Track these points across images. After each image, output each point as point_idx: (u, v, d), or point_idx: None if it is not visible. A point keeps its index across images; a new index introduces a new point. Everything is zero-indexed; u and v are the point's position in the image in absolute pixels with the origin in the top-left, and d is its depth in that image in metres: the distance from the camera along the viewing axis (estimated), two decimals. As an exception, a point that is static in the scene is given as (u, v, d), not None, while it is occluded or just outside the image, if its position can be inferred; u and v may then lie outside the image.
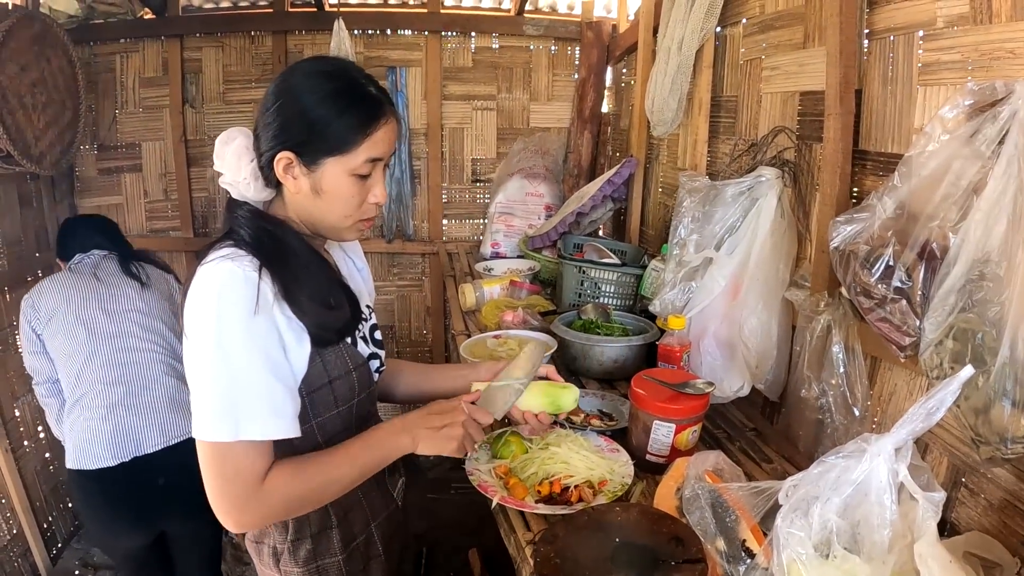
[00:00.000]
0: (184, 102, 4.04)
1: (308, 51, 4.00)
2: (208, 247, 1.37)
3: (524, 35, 4.11)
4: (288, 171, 1.36)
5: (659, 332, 2.23)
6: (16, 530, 3.49)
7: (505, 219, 3.81)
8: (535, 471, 1.61)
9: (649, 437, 1.66)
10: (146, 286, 2.51)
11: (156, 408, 2.43)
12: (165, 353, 2.46)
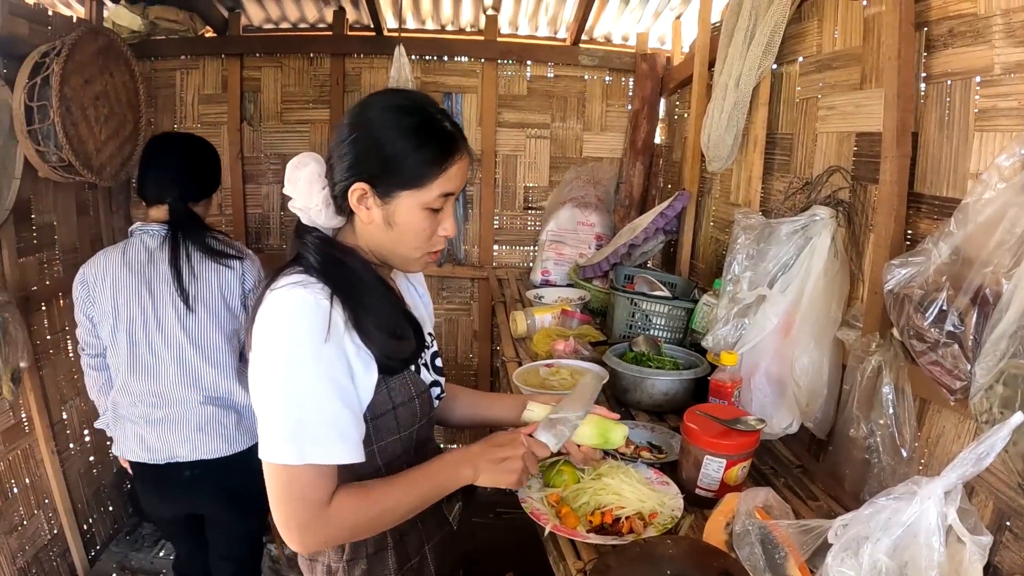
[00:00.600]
0: (242, 120, 4.12)
1: (366, 74, 4.07)
2: (277, 272, 1.41)
3: (579, 65, 4.15)
4: (362, 202, 1.40)
5: (709, 367, 2.23)
6: (57, 530, 3.56)
7: (556, 247, 3.83)
8: (587, 501, 1.62)
9: (699, 471, 1.66)
10: (192, 309, 2.44)
11: (189, 431, 2.46)
12: (202, 387, 2.46)
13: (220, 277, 2.43)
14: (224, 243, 2.52)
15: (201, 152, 2.62)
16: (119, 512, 4.08)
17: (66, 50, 2.98)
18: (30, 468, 3.39)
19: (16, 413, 3.30)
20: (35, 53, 3.03)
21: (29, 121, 2.99)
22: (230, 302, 2.45)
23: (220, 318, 2.44)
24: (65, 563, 3.61)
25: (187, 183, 2.53)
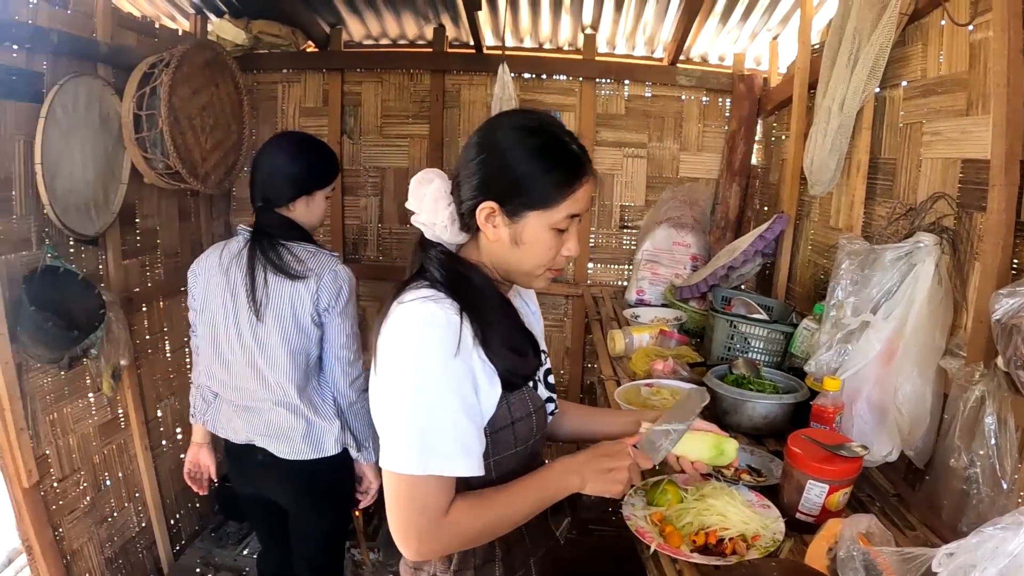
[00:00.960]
0: (342, 133, 4.21)
1: (465, 90, 4.13)
2: (402, 286, 1.45)
3: (676, 85, 4.12)
4: (489, 220, 1.42)
5: (808, 391, 2.20)
6: (145, 524, 3.69)
7: (651, 267, 3.80)
8: (691, 521, 1.62)
9: (801, 496, 1.65)
10: (261, 320, 2.44)
11: (262, 425, 2.53)
12: (272, 391, 2.50)
13: (293, 292, 2.40)
14: (307, 255, 2.45)
15: (280, 153, 2.53)
16: (206, 509, 4.20)
17: (175, 62, 3.10)
18: (124, 462, 3.53)
19: (114, 409, 3.44)
20: (143, 64, 3.17)
21: (137, 129, 3.13)
22: (300, 318, 2.42)
23: (287, 333, 2.42)
24: (151, 556, 3.74)
25: (266, 187, 2.51)
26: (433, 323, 1.32)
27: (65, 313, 2.86)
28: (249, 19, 4.05)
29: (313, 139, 2.62)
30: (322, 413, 2.50)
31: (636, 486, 1.54)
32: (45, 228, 2.96)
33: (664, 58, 4.14)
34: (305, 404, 2.47)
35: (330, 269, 2.42)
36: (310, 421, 2.49)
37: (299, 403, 2.46)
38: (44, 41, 2.88)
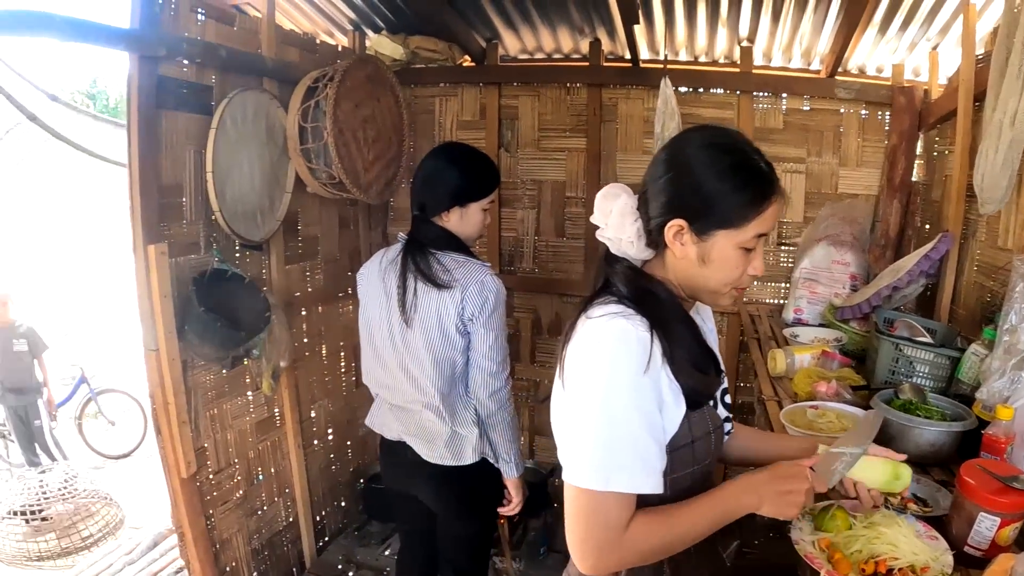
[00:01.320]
0: (499, 146, 4.25)
1: (622, 104, 4.08)
2: (589, 300, 1.46)
3: (835, 98, 3.94)
4: (677, 238, 1.41)
5: (976, 420, 2.07)
6: (292, 518, 3.84)
7: (809, 285, 3.65)
8: (860, 549, 1.56)
9: (971, 528, 1.55)
10: (409, 326, 2.49)
11: (412, 425, 2.61)
12: (421, 394, 2.55)
13: (440, 300, 2.42)
14: (455, 264, 2.46)
15: (437, 162, 2.57)
16: (351, 508, 4.32)
17: (338, 76, 3.21)
18: (276, 459, 3.68)
19: (271, 407, 3.60)
20: (307, 78, 3.30)
21: (302, 140, 3.26)
22: (446, 327, 2.43)
23: (432, 341, 2.45)
24: (295, 549, 3.89)
25: (422, 195, 2.55)
26: (623, 339, 1.33)
27: (231, 315, 3.01)
28: (406, 35, 4.15)
29: (473, 150, 2.65)
30: (460, 421, 2.53)
31: (806, 508, 1.49)
32: (213, 233, 3.13)
33: (821, 70, 3.98)
34: (447, 411, 2.51)
35: (477, 279, 2.42)
36: (452, 428, 2.53)
37: (443, 409, 2.51)
38: (213, 56, 3.05)
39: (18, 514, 5.20)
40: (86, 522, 5.32)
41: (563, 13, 3.80)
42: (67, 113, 4.77)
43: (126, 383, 7.92)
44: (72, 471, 5.62)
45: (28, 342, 6.51)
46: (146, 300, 2.87)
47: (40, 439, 6.58)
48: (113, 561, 4.67)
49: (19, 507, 5.24)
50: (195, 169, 3.05)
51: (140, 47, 2.74)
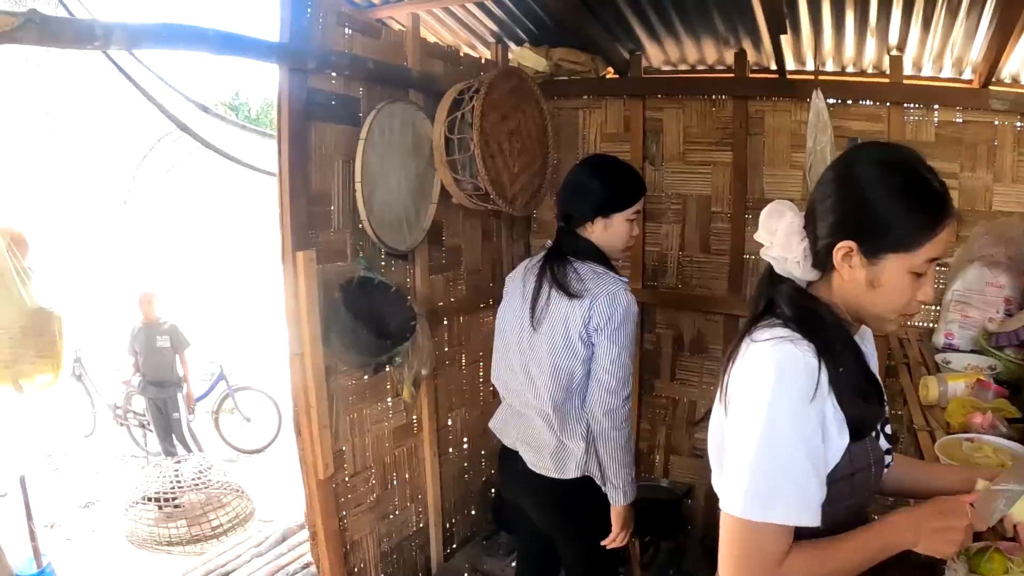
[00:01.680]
0: (644, 159, 4.16)
1: (769, 117, 3.94)
2: (752, 322, 1.42)
3: (989, 110, 3.70)
4: (846, 260, 1.35)
5: None
6: (423, 524, 3.87)
7: (962, 309, 3.45)
8: None
9: None
10: (536, 330, 2.50)
11: (525, 433, 2.61)
12: (538, 404, 2.52)
13: (568, 309, 2.41)
14: (590, 275, 2.44)
15: (582, 173, 2.57)
16: (480, 517, 4.32)
17: (484, 88, 3.21)
18: (412, 465, 3.71)
19: (409, 414, 3.64)
20: (452, 90, 3.32)
21: (448, 152, 3.28)
22: (570, 335, 2.41)
23: (555, 347, 2.44)
24: (423, 555, 3.91)
25: (567, 204, 2.55)
26: (790, 365, 1.28)
27: (376, 322, 3.05)
28: (549, 47, 4.12)
29: (618, 161, 2.63)
30: (569, 433, 2.49)
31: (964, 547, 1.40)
32: (360, 242, 3.19)
33: (974, 80, 3.76)
34: (558, 420, 2.47)
35: (608, 291, 2.39)
36: (559, 439, 2.50)
37: (553, 418, 2.47)
38: (361, 69, 3.12)
39: (152, 500, 5.43)
40: (217, 512, 5.52)
41: (707, 24, 3.71)
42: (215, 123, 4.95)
43: (262, 382, 8.21)
44: (206, 463, 5.85)
45: (171, 339, 6.81)
46: (293, 305, 2.94)
47: (177, 431, 6.86)
48: (241, 552, 4.82)
49: (153, 493, 5.47)
50: (343, 178, 3.12)
51: (290, 60, 2.82)
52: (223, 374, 7.96)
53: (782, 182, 3.85)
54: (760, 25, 3.53)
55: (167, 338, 6.78)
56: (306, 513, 3.20)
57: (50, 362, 2.09)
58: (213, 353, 8.45)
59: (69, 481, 7.14)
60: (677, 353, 4.21)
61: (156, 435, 7.00)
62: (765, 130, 3.94)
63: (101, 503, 6.63)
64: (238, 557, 4.75)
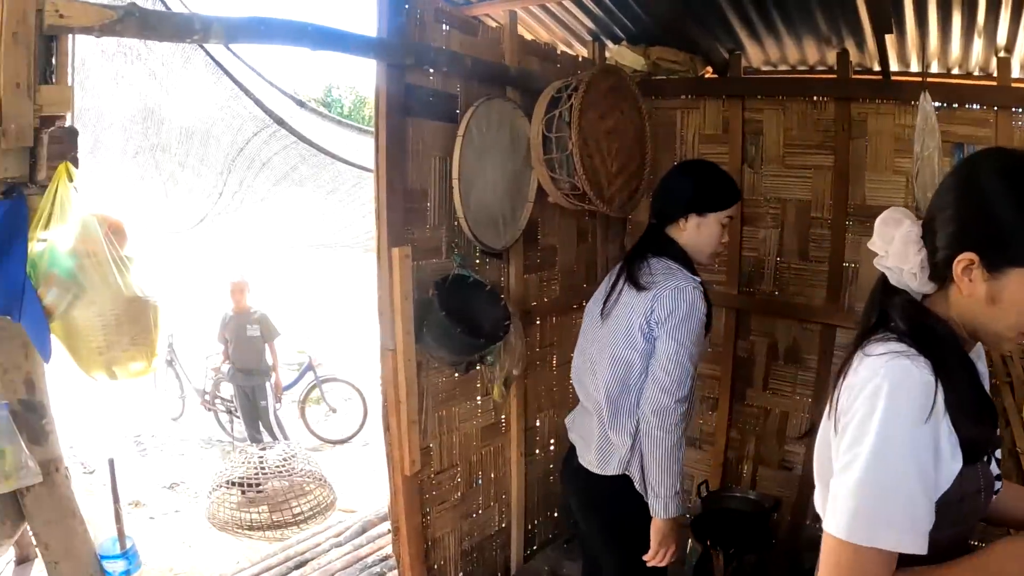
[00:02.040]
0: (743, 162, 4.06)
1: (872, 120, 3.78)
2: (865, 335, 1.36)
3: (1100, 113, 3.51)
4: (966, 273, 1.27)
5: None
6: (505, 524, 3.86)
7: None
8: None
9: None
10: (604, 322, 2.50)
11: (582, 426, 2.60)
12: (595, 396, 2.49)
13: (635, 301, 2.38)
14: (662, 269, 2.40)
15: (669, 175, 2.56)
16: (562, 520, 4.28)
17: (583, 86, 3.16)
18: (498, 465, 3.71)
19: (498, 414, 3.64)
20: (550, 88, 3.29)
21: (546, 150, 3.25)
22: (631, 326, 2.37)
23: (616, 338, 2.42)
24: (503, 555, 3.90)
25: (660, 202, 2.53)
26: (906, 383, 1.21)
27: (470, 320, 3.04)
28: (646, 45, 4.07)
29: (718, 167, 2.58)
30: (618, 427, 2.43)
31: None
32: (455, 239, 3.19)
33: (1084, 82, 3.56)
34: (609, 412, 2.43)
35: (674, 286, 2.33)
36: (606, 432, 2.45)
37: (605, 409, 2.44)
38: (459, 65, 3.11)
39: (236, 485, 5.52)
40: (299, 500, 5.60)
41: (809, 23, 3.60)
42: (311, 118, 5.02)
43: (349, 373, 8.34)
44: (291, 451, 5.94)
45: (261, 328, 6.95)
46: (387, 301, 2.95)
47: (264, 418, 7.00)
48: (321, 541, 4.87)
49: (238, 478, 5.56)
50: (440, 175, 3.12)
51: (389, 56, 2.83)
52: (311, 364, 8.12)
53: (885, 188, 3.70)
54: (864, 24, 3.42)
55: (257, 327, 6.93)
56: (390, 508, 3.22)
57: (144, 351, 2.11)
58: (302, 343, 8.62)
59: (155, 462, 7.34)
60: (771, 362, 4.09)
61: (243, 422, 7.17)
62: (868, 133, 3.78)
63: (185, 485, 6.81)
64: (317, 546, 4.80)
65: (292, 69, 28.34)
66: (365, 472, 7.13)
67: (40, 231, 1.97)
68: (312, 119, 5.05)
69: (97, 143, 4.75)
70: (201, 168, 5.04)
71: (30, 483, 2.06)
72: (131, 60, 4.25)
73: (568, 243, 3.99)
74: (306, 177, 5.16)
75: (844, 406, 1.28)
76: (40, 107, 1.96)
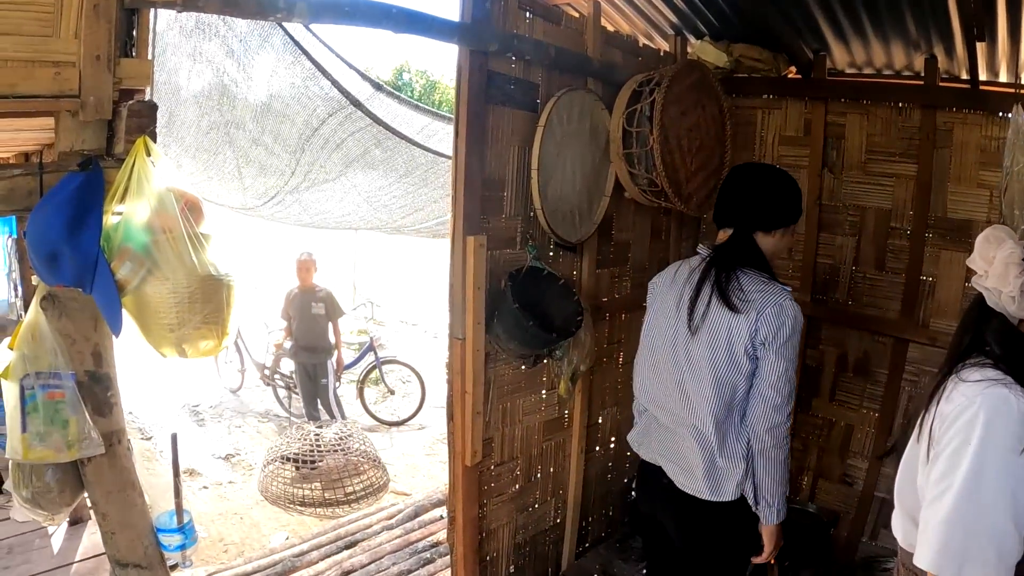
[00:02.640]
0: (823, 166, 3.96)
1: (958, 130, 3.65)
2: (958, 358, 1.33)
3: None
4: None
5: None
6: (560, 519, 3.84)
7: None
8: None
9: None
10: (694, 340, 2.38)
11: (672, 448, 2.50)
12: (692, 415, 2.41)
13: (732, 320, 2.29)
14: (755, 286, 2.32)
15: (766, 183, 2.45)
16: (616, 518, 4.27)
17: (667, 81, 3.12)
18: (558, 460, 3.69)
19: (562, 409, 3.60)
20: (632, 81, 3.26)
21: (625, 145, 3.21)
22: (734, 348, 2.29)
23: (717, 361, 2.32)
24: (555, 551, 3.87)
25: (742, 210, 2.42)
26: (1003, 412, 1.19)
27: (542, 314, 3.02)
28: (730, 42, 3.99)
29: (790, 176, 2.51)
30: (729, 452, 2.35)
31: None
32: (530, 230, 3.16)
33: None
34: (717, 438, 2.35)
35: (775, 303, 2.25)
36: (714, 458, 2.36)
37: (711, 436, 2.35)
38: (543, 54, 3.07)
39: (290, 460, 5.58)
40: (352, 479, 5.62)
41: (899, 26, 3.49)
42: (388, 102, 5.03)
43: (410, 357, 8.41)
44: (347, 430, 5.98)
45: (326, 306, 7.00)
46: (459, 289, 2.94)
47: (323, 396, 7.06)
48: (372, 523, 4.91)
49: (292, 454, 5.62)
50: (518, 165, 3.10)
51: (473, 41, 2.81)
52: (372, 345, 8.21)
53: (968, 201, 3.57)
54: (955, 30, 3.32)
55: (322, 305, 6.98)
56: (448, 497, 3.23)
57: (215, 330, 2.10)
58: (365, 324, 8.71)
59: (212, 433, 7.47)
60: (839, 373, 4.01)
61: (302, 399, 7.23)
62: (953, 144, 3.65)
63: (240, 457, 6.92)
64: (369, 527, 4.84)
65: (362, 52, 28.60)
66: (419, 456, 7.18)
67: (116, 204, 1.98)
68: (389, 102, 5.06)
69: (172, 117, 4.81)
70: (275, 146, 5.09)
71: (92, 454, 2.08)
72: (209, 37, 4.29)
73: (641, 240, 3.95)
74: (379, 160, 5.17)
75: (937, 434, 1.27)
76: (120, 80, 1.97)
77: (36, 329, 2.00)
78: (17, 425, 1.98)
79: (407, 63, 30.64)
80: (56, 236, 1.89)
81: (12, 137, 3.11)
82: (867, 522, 3.83)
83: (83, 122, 1.96)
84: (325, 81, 4.48)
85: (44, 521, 2.31)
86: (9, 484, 2.21)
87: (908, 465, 1.36)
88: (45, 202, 1.92)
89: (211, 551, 5.22)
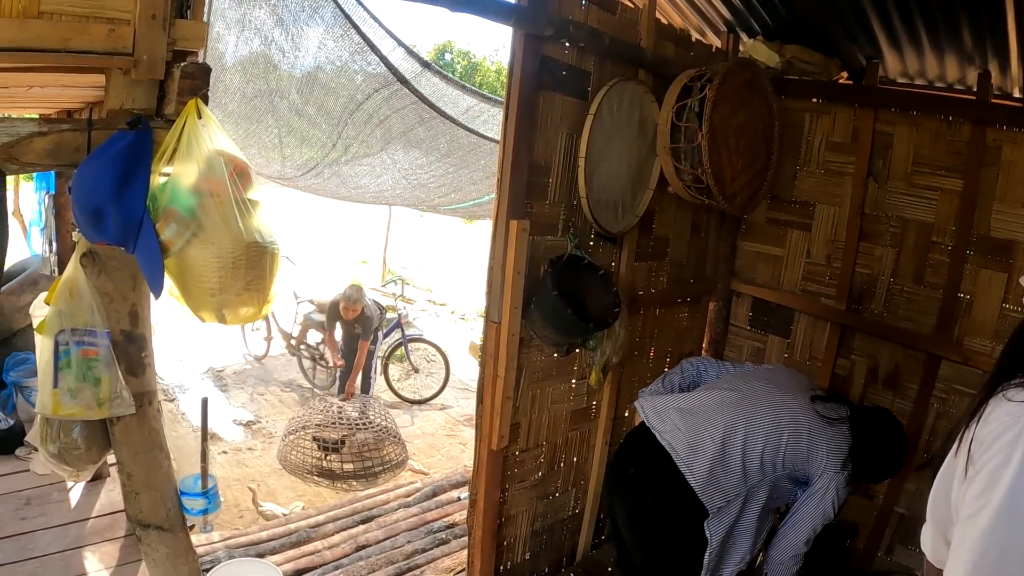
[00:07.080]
0: (868, 174, 3.89)
1: (1007, 148, 3.55)
2: (1004, 377, 1.29)
3: None
4: None
5: None
6: (579, 510, 3.85)
7: None
8: None
9: None
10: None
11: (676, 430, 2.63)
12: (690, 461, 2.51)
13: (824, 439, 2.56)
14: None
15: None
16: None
17: (718, 78, 3.10)
18: (582, 450, 3.69)
19: (590, 399, 3.60)
20: (683, 76, 3.23)
21: (673, 139, 3.19)
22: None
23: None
24: (571, 541, 3.89)
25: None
26: None
27: (579, 303, 3.01)
28: (782, 43, 3.94)
29: None
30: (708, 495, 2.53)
31: None
32: (572, 219, 3.15)
33: None
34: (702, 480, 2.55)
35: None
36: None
37: (695, 478, 2.53)
38: (597, 42, 3.05)
39: (311, 431, 5.62)
40: (371, 454, 5.66)
41: (954, 38, 3.43)
42: (434, 80, 5.01)
43: (436, 336, 8.41)
44: (370, 405, 6.00)
45: (361, 328, 6.95)
46: (498, 273, 2.94)
47: (368, 362, 7.05)
48: (390, 499, 4.93)
49: (314, 425, 5.66)
50: (565, 152, 3.08)
51: (529, 24, 2.79)
52: (400, 322, 8.20)
53: (1013, 221, 3.49)
54: (1011, 46, 3.27)
55: (360, 327, 6.95)
56: (471, 479, 3.23)
57: (256, 296, 2.09)
58: (394, 301, 8.72)
59: (234, 398, 7.52)
60: (869, 384, 3.96)
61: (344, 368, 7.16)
62: (1001, 162, 3.57)
63: (261, 424, 6.96)
64: (386, 503, 4.86)
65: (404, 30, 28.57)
66: (440, 436, 7.20)
67: (163, 165, 1.98)
68: (436, 81, 5.04)
69: (215, 83, 4.83)
70: (317, 118, 5.09)
71: (123, 413, 2.10)
72: (260, 4, 4.28)
73: (681, 235, 3.93)
74: (422, 139, 5.17)
75: (977, 451, 1.23)
76: (174, 41, 1.96)
77: (74, 285, 2.01)
78: (49, 380, 1.99)
79: (451, 43, 30.48)
80: (102, 194, 1.88)
81: (58, 93, 3.13)
82: (884, 536, 3.80)
83: (134, 81, 1.96)
84: (373, 56, 4.46)
85: (68, 477, 2.32)
86: (33, 437, 2.23)
87: (943, 477, 1.34)
88: (92, 159, 1.91)
89: (226, 515, 5.26)
